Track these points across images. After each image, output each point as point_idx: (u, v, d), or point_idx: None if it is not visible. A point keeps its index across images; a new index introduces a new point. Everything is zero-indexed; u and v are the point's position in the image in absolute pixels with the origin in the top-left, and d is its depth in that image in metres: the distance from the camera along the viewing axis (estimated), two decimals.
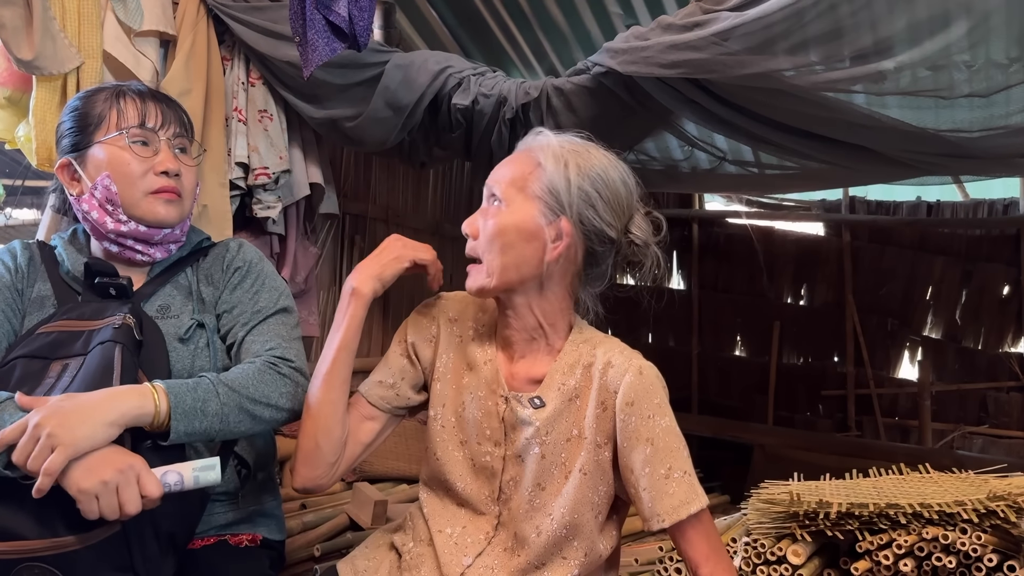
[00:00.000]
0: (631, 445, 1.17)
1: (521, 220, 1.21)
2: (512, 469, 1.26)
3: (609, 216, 1.23)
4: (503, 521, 1.26)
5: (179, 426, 1.19)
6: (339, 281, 3.09)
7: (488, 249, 1.23)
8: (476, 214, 1.28)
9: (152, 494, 1.13)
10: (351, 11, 1.89)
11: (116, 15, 2.09)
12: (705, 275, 4.81)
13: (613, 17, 3.04)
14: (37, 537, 1.13)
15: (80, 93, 1.46)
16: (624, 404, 1.18)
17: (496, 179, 1.26)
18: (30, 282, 1.41)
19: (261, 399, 1.29)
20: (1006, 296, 4.19)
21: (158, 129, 1.41)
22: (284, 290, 1.51)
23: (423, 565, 1.27)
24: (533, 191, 1.22)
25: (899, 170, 2.43)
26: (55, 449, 1.08)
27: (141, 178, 1.38)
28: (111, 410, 1.14)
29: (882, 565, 1.48)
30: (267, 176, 2.39)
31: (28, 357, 1.26)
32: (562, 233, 1.21)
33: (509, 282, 1.23)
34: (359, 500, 2.37)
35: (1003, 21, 1.76)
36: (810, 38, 1.79)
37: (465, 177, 3.94)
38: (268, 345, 1.39)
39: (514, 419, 1.24)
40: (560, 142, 1.24)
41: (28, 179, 3.54)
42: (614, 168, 1.25)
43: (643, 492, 1.16)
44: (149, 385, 1.20)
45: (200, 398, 1.22)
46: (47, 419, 1.09)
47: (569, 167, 1.21)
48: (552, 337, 1.27)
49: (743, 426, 4.43)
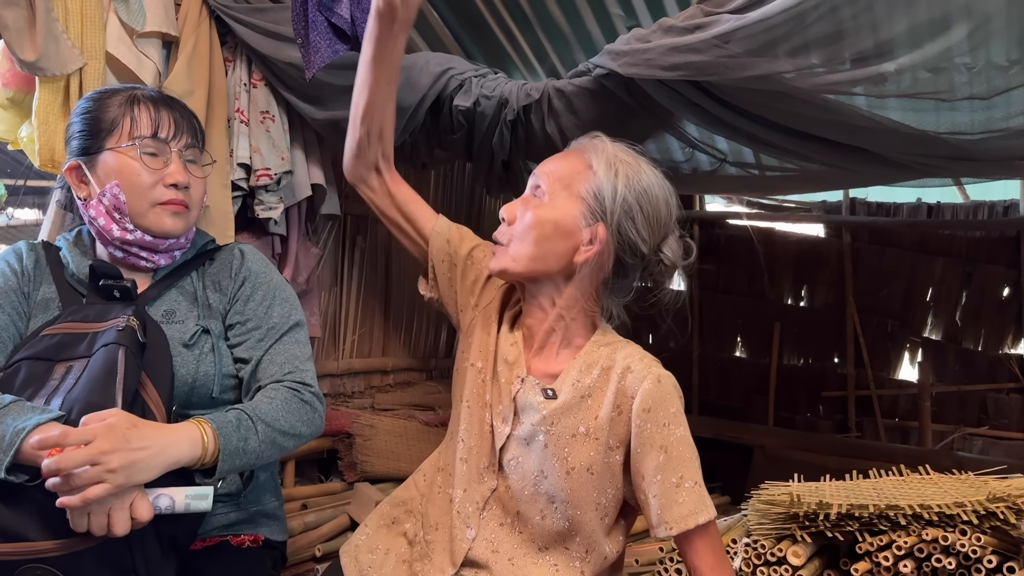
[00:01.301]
0: (644, 451, 1.18)
1: (561, 217, 1.24)
2: (515, 449, 1.27)
3: (645, 231, 1.25)
4: (499, 495, 1.28)
5: (224, 465, 1.23)
6: (341, 282, 3.10)
7: (522, 237, 1.25)
8: (517, 201, 1.30)
9: (142, 519, 1.14)
10: (353, 12, 1.90)
11: (119, 16, 2.10)
12: (706, 276, 4.82)
13: (614, 19, 3.04)
14: (40, 538, 1.13)
15: (91, 93, 1.46)
16: (641, 410, 1.18)
17: (545, 171, 1.28)
18: (35, 285, 1.41)
19: (289, 431, 1.34)
20: (1006, 298, 4.19)
21: (170, 140, 1.41)
22: (294, 301, 1.53)
23: (434, 553, 1.29)
24: (579, 191, 1.24)
25: (899, 172, 2.43)
26: (102, 484, 1.09)
27: (150, 189, 1.39)
28: (168, 459, 1.16)
29: (882, 566, 1.49)
30: (269, 177, 2.40)
31: (33, 359, 1.27)
32: (597, 238, 1.23)
33: (533, 272, 1.25)
34: (360, 500, 2.37)
35: (1004, 24, 1.76)
36: (811, 40, 1.79)
37: (466, 178, 3.94)
38: (286, 368, 1.41)
39: (524, 402, 1.26)
40: (615, 150, 1.27)
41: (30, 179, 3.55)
42: (660, 186, 1.27)
43: (653, 499, 1.16)
44: (199, 429, 1.21)
45: (243, 436, 1.26)
46: (114, 454, 1.09)
47: (619, 176, 1.23)
48: (572, 334, 1.28)
49: (743, 427, 4.44)
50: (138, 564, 1.20)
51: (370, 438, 2.77)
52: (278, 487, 1.60)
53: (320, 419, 1.41)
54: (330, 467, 2.80)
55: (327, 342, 3.04)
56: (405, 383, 3.42)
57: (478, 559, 1.25)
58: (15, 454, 1.13)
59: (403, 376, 3.43)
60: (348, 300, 3.15)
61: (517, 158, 2.49)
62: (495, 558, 1.25)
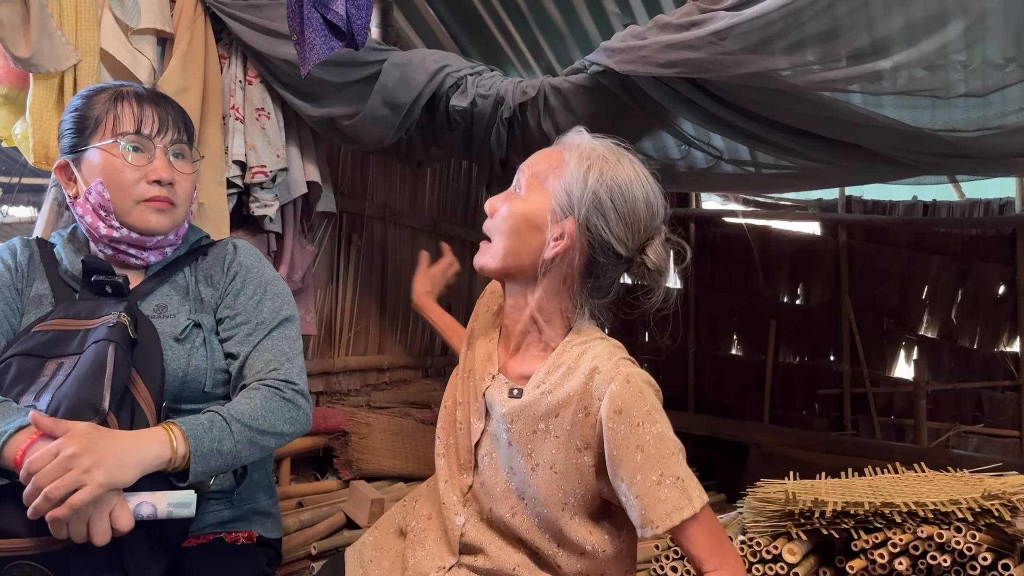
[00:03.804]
0: (621, 454, 1.15)
1: (532, 210, 1.23)
2: (488, 445, 1.28)
3: (620, 230, 1.21)
4: (475, 492, 1.29)
5: (197, 467, 1.22)
6: (336, 279, 3.09)
7: (498, 229, 1.26)
8: (499, 195, 1.31)
9: (122, 528, 1.13)
10: (349, 9, 1.89)
11: (113, 13, 2.09)
12: (701, 274, 4.82)
13: (610, 16, 3.04)
14: (25, 535, 1.13)
15: (82, 91, 1.45)
16: (611, 413, 1.16)
17: (526, 165, 1.29)
18: (29, 281, 1.41)
19: (269, 430, 1.33)
20: (1001, 295, 4.20)
21: (154, 136, 1.40)
22: (286, 295, 1.52)
23: (427, 539, 1.31)
24: (551, 186, 1.23)
25: (895, 169, 2.44)
26: (84, 487, 1.08)
27: (134, 186, 1.38)
28: (139, 457, 1.15)
29: (877, 564, 1.49)
30: (264, 174, 2.39)
31: (24, 355, 1.26)
32: (565, 233, 1.21)
33: (508, 267, 1.25)
34: (356, 498, 2.37)
35: (999, 21, 1.76)
36: (807, 37, 1.79)
37: (462, 176, 3.94)
38: (272, 365, 1.40)
39: (491, 399, 1.28)
40: (593, 145, 1.25)
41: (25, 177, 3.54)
42: (640, 185, 1.23)
43: (635, 500, 1.14)
44: (167, 431, 1.21)
45: (216, 438, 1.25)
46: (83, 455, 1.09)
47: (591, 171, 1.21)
48: (547, 335, 1.27)
49: (739, 424, 4.45)
50: (127, 563, 1.20)
51: (366, 436, 2.77)
52: (272, 485, 1.60)
53: (306, 416, 1.40)
54: (326, 465, 2.80)
55: (323, 340, 3.04)
56: (401, 381, 3.42)
57: (472, 543, 1.26)
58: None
59: (399, 374, 3.43)
60: (344, 298, 3.14)
61: (514, 156, 2.49)
62: (486, 539, 1.26)
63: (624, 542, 1.27)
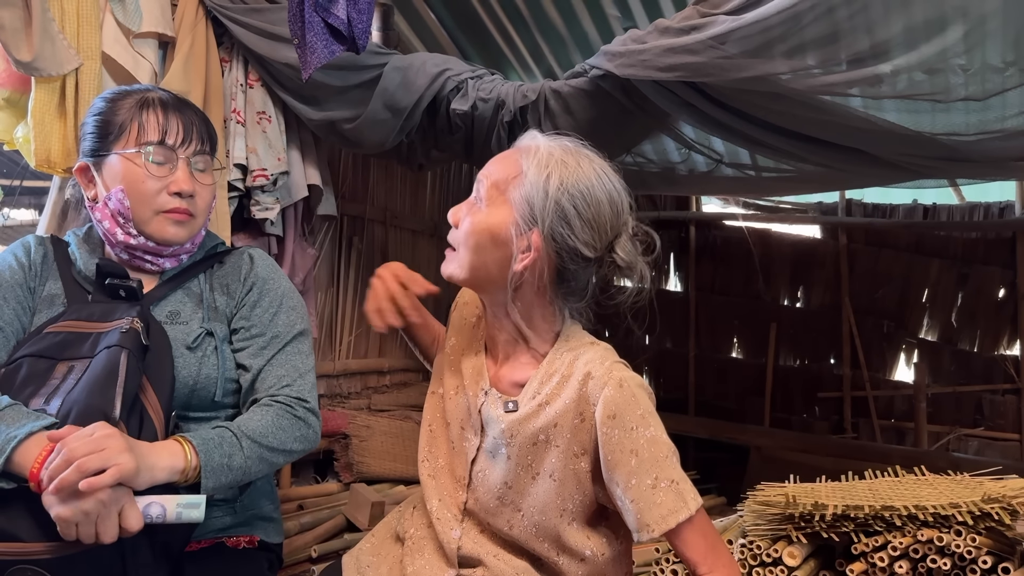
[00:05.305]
0: (615, 458, 1.15)
1: (495, 225, 1.20)
2: (483, 461, 1.27)
3: (587, 235, 1.18)
4: (470, 508, 1.28)
5: (208, 482, 1.22)
6: (337, 282, 3.10)
7: (464, 243, 1.23)
8: (462, 204, 1.27)
9: (132, 528, 1.12)
10: (350, 13, 1.90)
11: (115, 16, 2.09)
12: (702, 277, 4.82)
13: (611, 20, 3.04)
14: (31, 540, 1.13)
15: (107, 93, 1.44)
16: (605, 418, 1.15)
17: (484, 174, 1.24)
18: (42, 280, 1.40)
19: (279, 447, 1.33)
20: (1001, 299, 4.20)
21: (177, 147, 1.39)
22: (301, 309, 1.52)
23: (425, 549, 1.30)
24: (511, 197, 1.19)
25: (895, 173, 2.44)
26: (114, 467, 1.08)
27: (155, 196, 1.37)
28: (150, 467, 1.15)
29: (877, 567, 1.49)
30: (265, 177, 2.40)
31: (35, 356, 1.26)
32: (531, 246, 1.18)
33: (477, 280, 1.24)
34: (356, 501, 2.37)
35: (999, 25, 1.77)
36: (807, 42, 1.80)
37: (463, 179, 3.94)
38: (284, 382, 1.40)
39: (488, 415, 1.26)
40: (550, 149, 1.20)
41: (26, 179, 3.55)
42: (601, 185, 1.20)
43: (631, 504, 1.14)
44: (181, 445, 1.21)
45: (226, 453, 1.25)
46: (118, 438, 1.11)
47: (551, 179, 1.17)
48: (534, 341, 1.26)
49: (739, 428, 4.44)
50: (129, 569, 1.20)
51: (366, 439, 2.77)
52: (274, 490, 1.60)
53: (315, 434, 1.41)
54: (326, 468, 2.80)
55: (324, 343, 3.04)
56: (402, 384, 3.42)
57: (470, 555, 1.26)
58: (5, 462, 1.12)
59: (399, 377, 3.43)
60: (344, 301, 3.15)
61: None
62: (484, 551, 1.25)
63: (622, 545, 1.28)
